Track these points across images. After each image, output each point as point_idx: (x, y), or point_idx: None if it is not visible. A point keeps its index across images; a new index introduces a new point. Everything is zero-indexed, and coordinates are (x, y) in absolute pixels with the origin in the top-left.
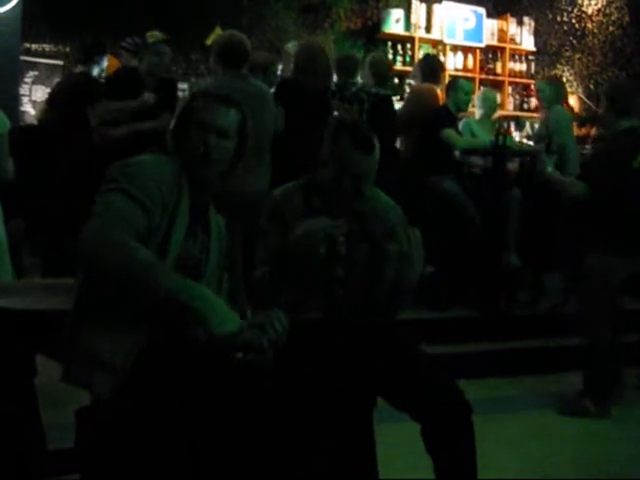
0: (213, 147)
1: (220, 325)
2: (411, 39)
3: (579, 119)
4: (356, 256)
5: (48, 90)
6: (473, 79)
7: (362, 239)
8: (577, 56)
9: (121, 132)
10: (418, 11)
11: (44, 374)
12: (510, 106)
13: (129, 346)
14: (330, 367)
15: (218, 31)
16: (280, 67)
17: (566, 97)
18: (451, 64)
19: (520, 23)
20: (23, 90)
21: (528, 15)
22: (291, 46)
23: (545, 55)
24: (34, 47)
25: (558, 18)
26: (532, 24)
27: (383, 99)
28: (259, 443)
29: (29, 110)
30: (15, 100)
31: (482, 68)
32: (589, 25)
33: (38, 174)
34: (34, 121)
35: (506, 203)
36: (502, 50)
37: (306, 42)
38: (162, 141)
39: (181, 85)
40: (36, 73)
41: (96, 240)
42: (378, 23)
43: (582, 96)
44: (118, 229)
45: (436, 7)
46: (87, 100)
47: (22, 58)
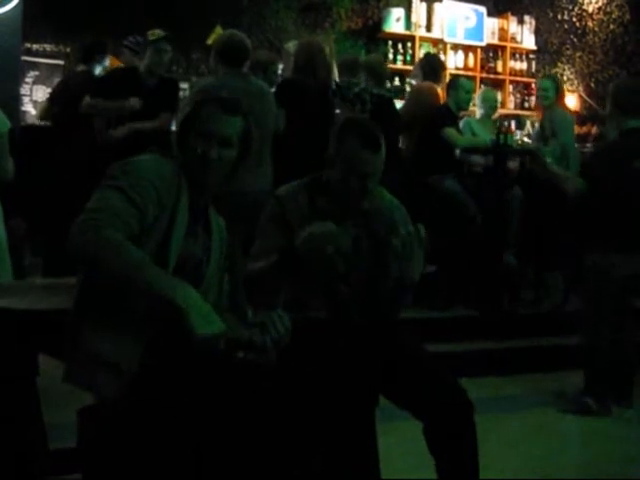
0: (215, 158)
1: (202, 326)
2: (412, 38)
3: (580, 118)
4: (361, 254)
5: (49, 90)
6: (474, 78)
7: (367, 238)
8: (578, 54)
9: (121, 132)
10: (419, 10)
11: (46, 374)
12: (511, 105)
13: (131, 346)
14: (332, 366)
15: (219, 30)
16: (281, 66)
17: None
18: (452, 63)
19: (521, 22)
20: (24, 90)
21: (529, 14)
22: (292, 45)
23: (546, 54)
24: (35, 47)
25: (559, 16)
26: (533, 23)
27: (386, 100)
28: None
29: (30, 110)
30: (16, 100)
31: (483, 67)
32: (590, 23)
33: (39, 174)
34: (35, 121)
35: (507, 202)
36: (503, 49)
37: (305, 41)
38: (162, 141)
39: (182, 85)
40: (37, 73)
41: (87, 235)
42: (379, 22)
43: (583, 94)
44: (110, 225)
45: (437, 6)
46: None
47: (23, 58)
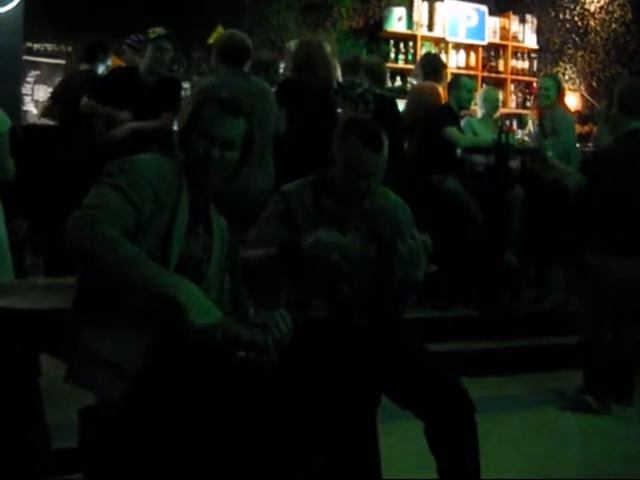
0: (216, 158)
1: (199, 317)
2: (413, 37)
3: (582, 117)
4: (366, 258)
5: (50, 89)
6: (475, 77)
7: (371, 238)
8: (580, 54)
9: (121, 132)
10: (420, 9)
11: (48, 373)
12: (512, 104)
13: (132, 345)
14: (334, 366)
15: (220, 30)
16: (282, 66)
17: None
18: (453, 62)
19: (522, 21)
20: (25, 89)
21: (530, 13)
22: (293, 45)
23: (547, 53)
24: (36, 46)
25: (560, 16)
26: (534, 22)
27: (388, 100)
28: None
29: (31, 109)
30: (17, 99)
31: (484, 66)
32: (592, 22)
33: (40, 174)
34: (36, 120)
35: (508, 201)
36: (504, 48)
37: (304, 39)
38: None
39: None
40: (38, 72)
41: (83, 231)
42: (380, 21)
43: (585, 94)
44: (106, 222)
45: (438, 5)
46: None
47: (24, 57)
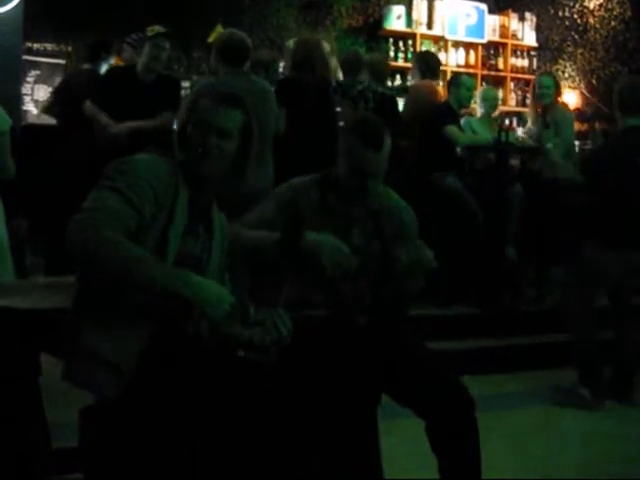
0: (212, 146)
1: (212, 309)
2: (413, 35)
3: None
4: (369, 252)
5: (50, 89)
6: (475, 75)
7: (375, 236)
8: (579, 51)
9: (119, 129)
10: (419, 7)
11: (48, 373)
12: (512, 102)
13: (131, 345)
14: (333, 365)
15: (219, 29)
16: (282, 65)
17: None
18: (453, 60)
19: (522, 19)
20: (25, 89)
21: (530, 11)
22: (292, 43)
23: (547, 50)
24: (36, 46)
25: (560, 13)
26: (534, 19)
27: (388, 98)
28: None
29: (31, 109)
30: (17, 99)
31: (484, 64)
32: (591, 20)
33: (40, 173)
34: (36, 120)
35: (508, 199)
36: (504, 46)
37: (303, 38)
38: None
39: (183, 83)
40: (38, 72)
41: (85, 233)
42: (379, 20)
43: (584, 91)
44: (107, 225)
45: (437, 3)
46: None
47: (24, 57)
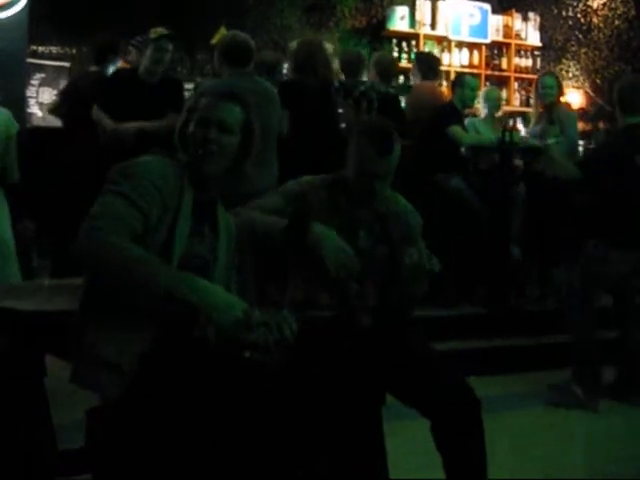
0: (213, 140)
1: (221, 313)
2: (416, 36)
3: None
4: (375, 255)
5: (55, 92)
6: (479, 75)
7: (382, 239)
8: (583, 51)
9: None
10: (423, 8)
11: (54, 374)
12: (516, 102)
13: (135, 347)
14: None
15: (223, 30)
16: (286, 66)
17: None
18: (456, 60)
19: (525, 19)
20: (30, 92)
21: (533, 10)
22: (295, 44)
23: (551, 50)
24: (41, 49)
25: (563, 13)
26: (537, 19)
27: (391, 97)
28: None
29: (36, 112)
30: (22, 102)
31: (488, 64)
32: (595, 19)
33: (45, 176)
34: (41, 123)
35: (512, 199)
36: (507, 46)
37: (305, 39)
38: (167, 142)
39: (187, 85)
40: (43, 75)
41: (92, 240)
42: (383, 20)
43: (589, 91)
44: (114, 232)
45: (441, 4)
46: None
47: (29, 60)
